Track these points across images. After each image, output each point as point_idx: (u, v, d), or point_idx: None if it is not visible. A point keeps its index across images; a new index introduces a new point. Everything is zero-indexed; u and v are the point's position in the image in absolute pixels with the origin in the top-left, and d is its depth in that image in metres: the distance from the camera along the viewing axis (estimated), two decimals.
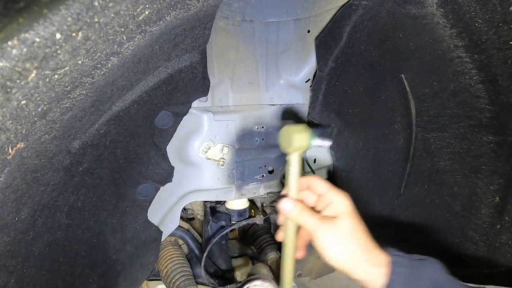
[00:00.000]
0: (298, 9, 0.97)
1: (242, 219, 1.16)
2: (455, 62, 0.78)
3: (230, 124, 0.99)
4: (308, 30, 1.01)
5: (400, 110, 0.97)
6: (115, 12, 0.45)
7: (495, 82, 0.75)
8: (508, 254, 0.89)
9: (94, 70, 0.49)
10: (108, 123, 0.66)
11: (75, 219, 0.72)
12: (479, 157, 0.87)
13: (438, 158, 0.95)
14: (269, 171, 1.09)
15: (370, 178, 1.14)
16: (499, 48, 0.70)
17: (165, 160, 0.87)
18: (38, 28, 0.39)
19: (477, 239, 0.94)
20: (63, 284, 0.73)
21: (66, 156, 0.61)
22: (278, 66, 1.05)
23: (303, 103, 1.10)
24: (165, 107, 0.81)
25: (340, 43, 0.91)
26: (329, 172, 1.24)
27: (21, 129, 0.46)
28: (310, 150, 1.14)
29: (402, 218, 1.12)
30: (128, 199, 0.84)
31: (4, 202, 0.52)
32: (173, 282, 1.08)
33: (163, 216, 0.99)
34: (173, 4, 0.53)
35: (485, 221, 0.91)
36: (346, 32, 0.88)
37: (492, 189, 0.88)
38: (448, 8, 0.71)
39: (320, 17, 0.98)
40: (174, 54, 0.68)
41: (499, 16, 0.66)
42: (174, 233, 1.19)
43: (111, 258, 0.85)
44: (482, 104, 0.79)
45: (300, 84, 1.08)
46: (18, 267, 0.62)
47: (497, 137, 0.82)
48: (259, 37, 0.99)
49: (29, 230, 0.61)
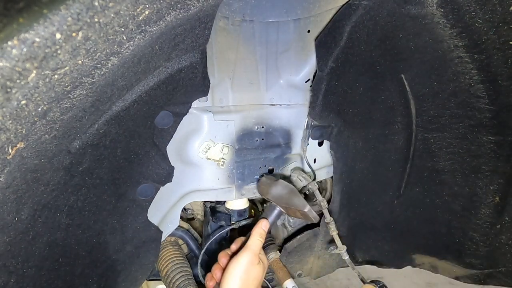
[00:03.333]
0: (298, 9, 0.97)
1: (242, 219, 1.16)
2: (455, 62, 0.78)
3: (230, 124, 0.99)
4: (308, 30, 1.01)
5: (400, 110, 0.97)
6: (115, 12, 0.45)
7: (495, 82, 0.75)
8: (508, 254, 0.89)
9: (94, 70, 0.49)
10: (108, 123, 0.66)
11: (75, 219, 0.72)
12: (479, 157, 0.87)
13: (438, 158, 0.95)
14: (269, 171, 1.09)
15: (370, 178, 1.14)
16: (499, 48, 0.70)
17: (165, 160, 0.87)
18: (38, 28, 0.39)
19: (477, 239, 0.94)
20: (63, 284, 0.73)
21: (66, 156, 0.61)
22: (278, 66, 1.05)
23: (303, 103, 1.10)
24: (165, 107, 0.81)
25: (340, 43, 0.91)
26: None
27: (21, 129, 0.46)
28: (310, 150, 1.14)
29: (402, 218, 1.12)
30: (128, 199, 0.84)
31: (4, 202, 0.52)
32: (173, 282, 1.08)
33: (163, 216, 0.99)
34: (173, 4, 0.53)
35: (485, 221, 0.91)
36: (346, 32, 0.88)
37: (492, 189, 0.88)
38: (448, 8, 0.71)
39: (320, 17, 0.98)
40: (174, 54, 0.68)
41: (499, 16, 0.66)
42: (174, 233, 1.19)
43: (111, 258, 0.85)
44: (482, 104, 0.80)
45: (300, 84, 1.08)
46: (18, 267, 0.62)
47: (497, 137, 0.82)
48: (259, 37, 0.99)
49: (29, 230, 0.61)
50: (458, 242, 0.99)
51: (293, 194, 0.91)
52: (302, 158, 1.14)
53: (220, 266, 0.86)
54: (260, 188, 1.01)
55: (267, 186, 0.97)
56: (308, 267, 1.34)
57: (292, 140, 1.11)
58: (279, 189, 0.95)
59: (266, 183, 0.99)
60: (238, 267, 0.79)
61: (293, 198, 0.90)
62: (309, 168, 1.15)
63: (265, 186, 0.98)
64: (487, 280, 0.98)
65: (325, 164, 1.21)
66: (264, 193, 0.99)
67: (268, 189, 0.97)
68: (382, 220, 1.17)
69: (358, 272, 1.15)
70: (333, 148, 1.14)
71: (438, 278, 1.41)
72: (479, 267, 0.98)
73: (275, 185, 0.96)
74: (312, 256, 1.31)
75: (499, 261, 0.92)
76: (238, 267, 0.79)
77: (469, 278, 1.03)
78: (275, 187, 0.95)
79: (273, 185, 0.96)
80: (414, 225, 1.10)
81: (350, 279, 2.37)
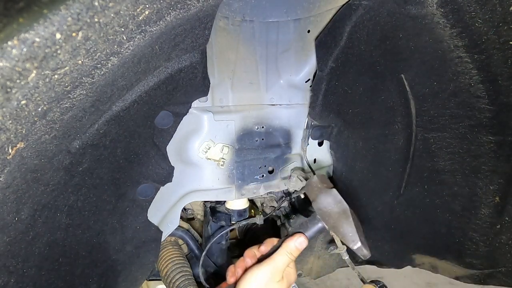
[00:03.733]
0: (298, 9, 0.97)
1: (242, 219, 1.16)
2: (455, 62, 0.78)
3: (230, 124, 0.99)
4: (308, 30, 1.01)
5: (400, 110, 0.97)
6: (115, 12, 0.45)
7: (495, 82, 0.75)
8: (508, 254, 0.89)
9: (94, 70, 0.49)
10: (108, 123, 0.66)
11: (75, 219, 0.72)
12: (479, 157, 0.87)
13: (438, 158, 0.95)
14: (269, 171, 1.09)
15: (370, 178, 1.14)
16: (499, 48, 0.70)
17: (165, 160, 0.87)
18: (38, 28, 0.39)
19: (477, 239, 0.94)
20: (63, 284, 0.73)
21: (66, 156, 0.61)
22: (278, 66, 1.05)
23: (303, 103, 1.10)
24: (165, 107, 0.81)
25: (340, 43, 0.91)
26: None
27: (21, 129, 0.46)
28: (310, 150, 1.14)
29: (402, 218, 1.12)
30: (128, 199, 0.84)
31: (4, 202, 0.52)
32: (173, 282, 1.08)
33: (163, 216, 0.99)
34: (173, 4, 0.53)
35: (485, 221, 0.91)
36: (346, 32, 0.88)
37: (492, 189, 0.88)
38: (448, 8, 0.71)
39: (320, 17, 0.98)
40: (174, 54, 0.68)
41: (499, 16, 0.66)
42: (174, 233, 1.19)
43: (111, 258, 0.85)
44: (482, 104, 0.79)
45: (300, 84, 1.08)
46: (18, 267, 0.62)
47: (497, 137, 0.82)
48: (259, 37, 0.99)
49: (29, 230, 0.61)
50: (458, 242, 0.99)
51: (344, 218, 0.77)
52: (302, 158, 1.14)
53: (244, 265, 0.82)
54: (309, 190, 0.85)
55: (317, 191, 0.82)
56: (308, 267, 1.34)
57: (292, 140, 1.11)
58: (330, 202, 0.80)
59: (317, 186, 0.83)
60: (256, 279, 0.75)
61: (342, 224, 0.77)
62: (309, 168, 1.15)
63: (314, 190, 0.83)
64: (487, 280, 0.98)
65: (325, 164, 1.21)
66: (312, 198, 0.83)
67: (316, 195, 0.82)
68: (382, 220, 1.17)
69: (358, 272, 1.14)
70: (333, 148, 1.14)
71: (438, 278, 1.41)
72: (479, 267, 0.98)
73: (326, 195, 0.80)
74: (312, 256, 1.31)
75: (499, 261, 0.92)
76: (256, 279, 0.75)
77: (469, 278, 1.03)
78: (325, 197, 0.80)
79: (324, 193, 0.81)
80: (414, 225, 1.10)
81: (350, 279, 2.37)
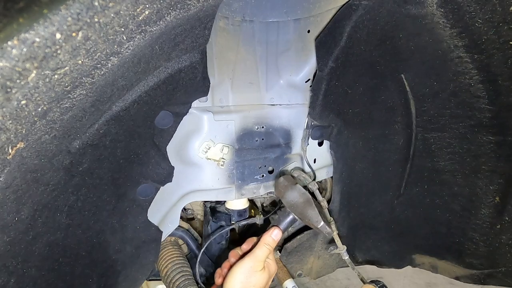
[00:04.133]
0: (298, 9, 0.97)
1: (242, 219, 1.16)
2: (455, 62, 0.78)
3: (230, 124, 0.99)
4: (308, 30, 1.01)
5: (400, 110, 0.97)
6: (115, 12, 0.45)
7: (495, 82, 0.75)
8: (508, 254, 0.89)
9: (94, 70, 0.49)
10: (108, 123, 0.66)
11: (75, 219, 0.72)
12: (479, 157, 0.87)
13: (438, 158, 0.95)
14: (269, 171, 1.09)
15: (370, 178, 1.14)
16: (499, 48, 0.70)
17: (165, 160, 0.87)
18: (38, 28, 0.39)
19: (477, 239, 0.94)
20: (63, 284, 0.74)
21: (66, 156, 0.61)
22: (278, 66, 1.05)
23: (303, 103, 1.10)
24: (165, 107, 0.81)
25: (340, 43, 0.91)
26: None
27: (21, 129, 0.46)
28: (310, 150, 1.14)
29: (402, 218, 1.12)
30: (128, 199, 0.84)
31: (4, 202, 0.52)
32: (173, 282, 1.08)
33: (163, 216, 0.99)
34: (173, 4, 0.53)
35: (485, 221, 0.91)
36: (346, 32, 0.88)
37: (492, 189, 0.88)
38: (448, 8, 0.71)
39: (320, 17, 0.98)
40: (174, 54, 0.68)
41: (499, 16, 0.66)
42: (174, 233, 1.19)
43: (111, 258, 0.85)
44: (482, 104, 0.80)
45: (300, 84, 1.08)
46: (18, 267, 0.62)
47: (497, 137, 0.82)
48: (259, 37, 0.99)
49: (29, 230, 0.61)
50: (458, 242, 0.99)
51: (308, 205, 0.88)
52: (302, 158, 1.14)
53: (229, 264, 0.89)
54: (277, 189, 0.97)
55: (284, 189, 0.93)
56: (308, 267, 1.34)
57: (292, 140, 1.11)
58: (295, 195, 0.91)
59: (284, 185, 0.95)
60: (240, 271, 0.82)
61: (307, 210, 0.87)
62: (309, 168, 1.15)
63: (281, 188, 0.94)
64: (487, 280, 0.98)
65: (325, 164, 1.21)
66: (280, 195, 0.95)
67: (284, 193, 0.93)
68: (382, 220, 1.17)
69: (358, 272, 1.15)
70: (333, 148, 1.14)
71: (438, 278, 1.41)
72: (479, 267, 0.98)
73: (292, 190, 0.92)
74: (312, 256, 1.31)
75: (499, 261, 0.92)
76: (240, 271, 0.82)
77: (469, 278, 1.03)
78: (291, 192, 0.92)
79: (290, 189, 0.92)
80: (414, 225, 1.10)
81: (350, 279, 2.37)
